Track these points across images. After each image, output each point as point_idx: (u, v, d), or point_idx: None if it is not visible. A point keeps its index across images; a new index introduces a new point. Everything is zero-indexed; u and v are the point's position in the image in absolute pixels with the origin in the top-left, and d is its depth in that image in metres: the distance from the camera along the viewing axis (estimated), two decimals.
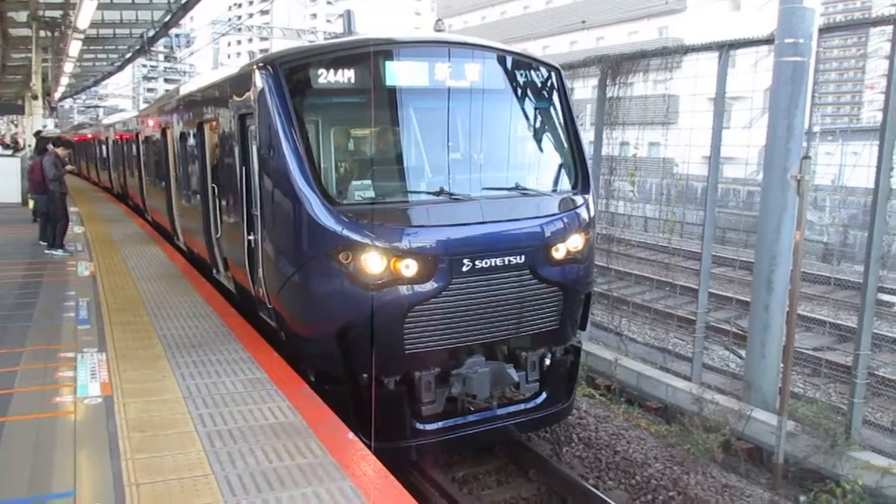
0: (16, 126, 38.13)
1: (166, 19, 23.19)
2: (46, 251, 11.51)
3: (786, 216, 8.07)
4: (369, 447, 4.72)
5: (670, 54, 9.83)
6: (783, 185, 7.93)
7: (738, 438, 8.02)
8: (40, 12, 20.91)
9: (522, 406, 7.01)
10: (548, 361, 6.98)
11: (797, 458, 7.49)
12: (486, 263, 6.19)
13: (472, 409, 6.71)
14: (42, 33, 22.46)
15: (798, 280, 7.66)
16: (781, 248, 8.13)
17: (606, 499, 6.62)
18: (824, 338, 11.63)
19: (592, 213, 7.16)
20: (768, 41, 8.32)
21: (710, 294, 10.17)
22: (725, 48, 8.80)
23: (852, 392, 7.63)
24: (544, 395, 7.03)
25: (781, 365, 8.05)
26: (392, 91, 6.49)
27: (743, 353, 9.36)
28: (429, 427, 6.36)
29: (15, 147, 23.36)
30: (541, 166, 7.35)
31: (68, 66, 25.49)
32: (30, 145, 21.54)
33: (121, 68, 40.28)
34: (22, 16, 21.51)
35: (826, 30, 8.58)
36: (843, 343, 11.22)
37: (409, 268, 5.90)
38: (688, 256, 13.58)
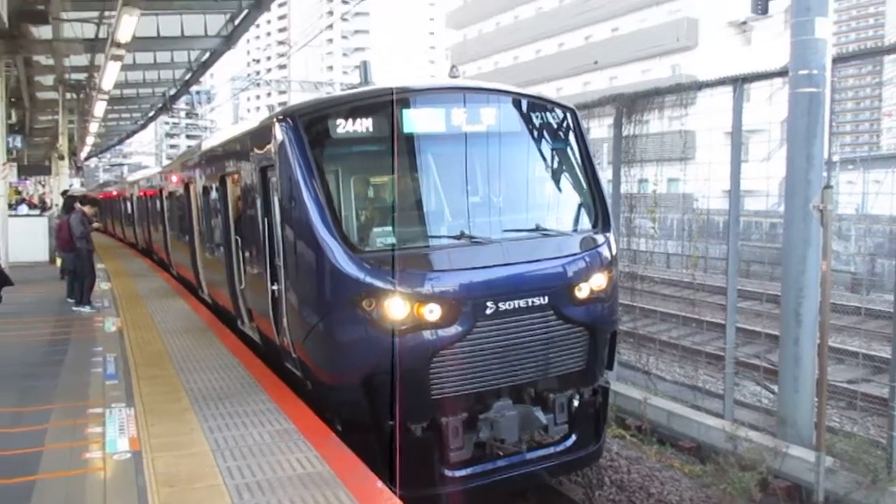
0: (43, 186, 39.01)
1: (187, 77, 23.87)
2: (74, 308, 11.66)
3: (810, 247, 7.98)
4: (398, 495, 4.66)
5: (684, 90, 9.88)
6: (806, 216, 7.87)
7: (775, 476, 7.81)
8: (66, 75, 21.59)
9: (552, 449, 6.89)
10: (576, 403, 6.88)
11: (838, 496, 7.27)
12: (509, 305, 6.17)
13: (501, 453, 6.60)
14: (68, 95, 23.18)
15: (827, 311, 7.54)
16: (808, 280, 8.02)
17: None
18: (858, 370, 11.39)
19: (614, 251, 7.14)
20: (782, 73, 8.35)
21: (738, 328, 10.02)
22: (739, 82, 8.83)
23: (891, 425, 7.43)
24: (574, 437, 6.91)
25: (815, 399, 7.87)
26: (410, 138, 6.56)
27: (775, 387, 9.17)
28: (458, 473, 6.26)
29: (42, 207, 23.86)
30: (560, 206, 7.36)
31: (93, 127, 26.22)
32: (57, 204, 22.03)
33: (144, 126, 41.36)
34: (49, 79, 22.23)
35: (840, 59, 8.60)
36: (877, 374, 10.97)
37: (432, 312, 5.89)
38: (713, 291, 13.44)
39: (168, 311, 11.39)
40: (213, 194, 10.19)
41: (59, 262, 14.63)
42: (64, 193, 19.31)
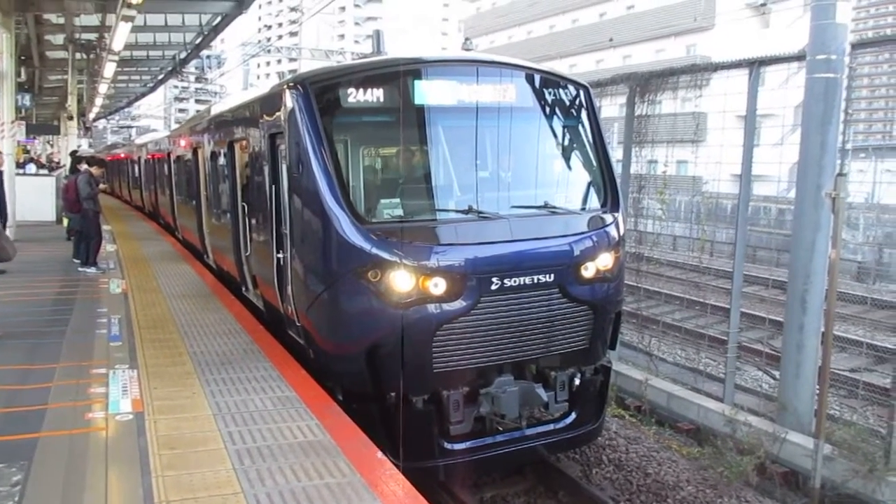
0: (52, 146, 38.97)
1: (198, 41, 23.68)
2: (80, 268, 11.69)
3: (820, 234, 7.93)
4: (398, 466, 4.69)
5: (699, 71, 9.79)
6: (817, 203, 7.81)
7: (772, 461, 7.84)
8: (76, 35, 21.46)
9: (552, 426, 6.93)
10: (577, 381, 6.90)
11: (835, 483, 7.30)
12: (514, 282, 6.16)
13: (501, 428, 6.64)
14: (78, 55, 23.07)
15: (833, 299, 7.51)
16: (816, 267, 7.98)
17: None
18: (861, 359, 11.37)
19: (622, 232, 7.10)
20: (799, 58, 8.24)
21: (742, 313, 10.00)
22: (756, 65, 8.72)
23: (891, 415, 7.44)
24: (574, 415, 6.95)
25: (817, 386, 7.87)
26: (420, 110, 6.50)
27: (776, 373, 9.18)
28: (457, 447, 6.31)
29: (51, 167, 23.85)
30: (570, 184, 7.32)
31: (103, 88, 26.11)
32: (65, 165, 22.02)
33: (153, 89, 41.17)
34: (59, 38, 22.13)
35: (859, 45, 8.47)
36: (880, 364, 10.96)
37: (437, 286, 5.89)
38: (718, 275, 13.39)
39: (173, 275, 11.41)
40: (221, 160, 10.16)
41: (65, 222, 14.64)
42: (73, 154, 19.29)
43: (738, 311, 9.31)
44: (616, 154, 10.73)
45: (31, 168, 21.85)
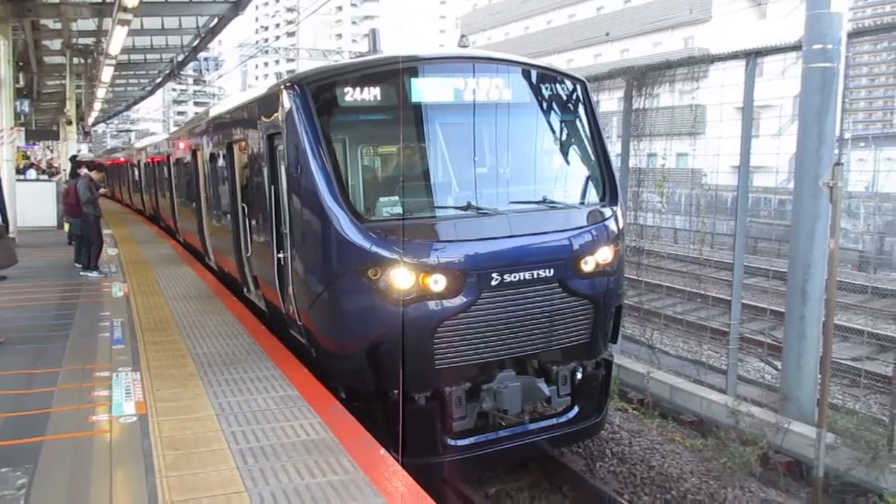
0: (51, 151, 39.02)
1: (195, 44, 23.69)
2: (82, 273, 11.72)
3: (819, 224, 7.93)
4: (401, 463, 4.71)
5: (696, 63, 9.77)
6: (815, 193, 7.81)
7: (776, 452, 7.86)
8: (74, 40, 21.48)
9: (554, 421, 6.95)
10: (579, 375, 6.92)
11: (838, 472, 7.31)
12: (514, 277, 6.17)
13: (504, 424, 6.66)
14: (75, 60, 23.10)
15: (833, 289, 7.50)
16: (815, 257, 7.99)
17: None
18: (863, 348, 11.38)
19: (621, 225, 7.11)
20: (796, 48, 8.23)
21: (743, 305, 10.01)
22: (752, 56, 8.71)
23: (893, 403, 7.45)
24: (576, 409, 6.96)
25: (819, 376, 7.88)
26: (418, 107, 6.52)
27: (778, 364, 9.19)
28: (460, 443, 6.33)
29: (51, 172, 23.89)
30: (568, 179, 7.33)
31: (101, 92, 26.15)
32: (65, 169, 22.04)
33: (151, 93, 41.21)
34: (56, 44, 22.13)
35: (855, 34, 8.45)
36: (882, 353, 10.96)
37: (437, 283, 5.90)
38: (719, 267, 13.39)
39: (174, 278, 11.44)
40: (221, 161, 10.18)
41: (66, 227, 14.67)
42: (72, 159, 19.31)
43: (739, 303, 9.31)
44: (615, 148, 10.73)
45: (32, 173, 21.89)
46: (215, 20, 20.01)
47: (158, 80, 34.31)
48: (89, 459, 4.66)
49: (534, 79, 7.13)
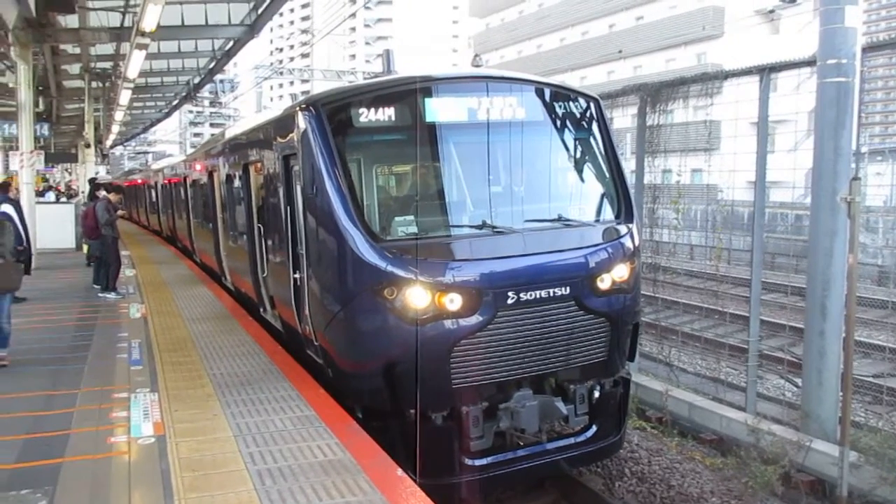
0: (70, 174, 39.49)
1: (211, 66, 24.01)
2: (100, 294, 11.83)
3: (837, 239, 7.86)
4: (418, 483, 4.68)
5: (710, 80, 9.76)
6: (833, 208, 7.75)
7: (798, 470, 7.74)
8: (92, 64, 21.82)
9: (572, 440, 6.89)
10: (597, 394, 6.87)
11: (862, 491, 7.19)
12: (530, 296, 6.16)
13: (521, 443, 6.62)
14: (94, 84, 23.45)
15: (853, 304, 7.43)
16: (834, 273, 7.91)
17: None
18: (884, 364, 11.22)
19: (637, 243, 7.09)
20: (810, 63, 8.21)
21: (762, 321, 9.91)
22: (766, 71, 8.70)
23: None
24: (594, 428, 6.91)
25: (840, 393, 7.78)
26: (432, 127, 6.55)
27: (799, 381, 9.08)
28: (477, 462, 6.29)
29: (69, 194, 24.19)
30: (583, 197, 7.32)
31: (119, 115, 26.52)
32: (83, 192, 22.30)
33: (168, 115, 41.75)
34: (75, 68, 22.49)
35: (870, 49, 8.43)
36: None
37: (453, 302, 5.90)
38: (737, 283, 13.29)
39: (191, 298, 11.51)
40: (237, 182, 10.26)
41: (85, 248, 14.82)
42: (91, 181, 19.55)
43: (757, 319, 9.22)
44: (629, 164, 10.72)
45: (50, 196, 22.16)
46: (231, 43, 20.28)
47: (175, 103, 34.76)
48: (108, 481, 4.68)
49: (547, 97, 7.15)
